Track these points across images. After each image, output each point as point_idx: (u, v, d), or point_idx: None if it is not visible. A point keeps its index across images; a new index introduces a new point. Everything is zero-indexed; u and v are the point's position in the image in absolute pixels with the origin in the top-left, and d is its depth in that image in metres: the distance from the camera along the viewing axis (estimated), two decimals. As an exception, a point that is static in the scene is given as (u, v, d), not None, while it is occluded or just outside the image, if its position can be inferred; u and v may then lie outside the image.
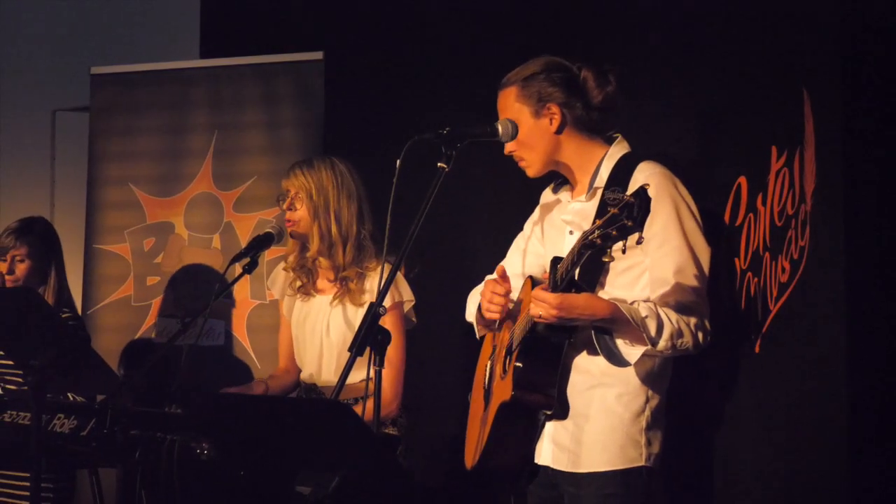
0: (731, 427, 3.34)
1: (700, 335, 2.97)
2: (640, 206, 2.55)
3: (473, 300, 3.37)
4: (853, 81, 2.76)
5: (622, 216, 2.55)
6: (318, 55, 4.85)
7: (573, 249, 2.79)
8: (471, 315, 3.37)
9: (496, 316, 3.18)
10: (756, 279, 3.22)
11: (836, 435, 2.76)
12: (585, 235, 2.67)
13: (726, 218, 3.35)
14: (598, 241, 2.61)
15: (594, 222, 2.70)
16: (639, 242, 2.63)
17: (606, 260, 2.67)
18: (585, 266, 2.92)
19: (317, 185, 3.88)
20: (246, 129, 4.98)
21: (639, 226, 2.55)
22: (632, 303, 2.95)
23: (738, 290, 3.29)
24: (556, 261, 2.91)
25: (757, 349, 3.20)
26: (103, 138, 5.17)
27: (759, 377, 3.22)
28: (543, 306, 2.84)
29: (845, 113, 2.76)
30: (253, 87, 4.98)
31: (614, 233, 2.57)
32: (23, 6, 6.55)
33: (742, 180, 3.31)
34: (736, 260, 3.32)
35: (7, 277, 4.37)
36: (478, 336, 3.40)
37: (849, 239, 2.75)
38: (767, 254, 3.18)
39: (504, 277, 3.14)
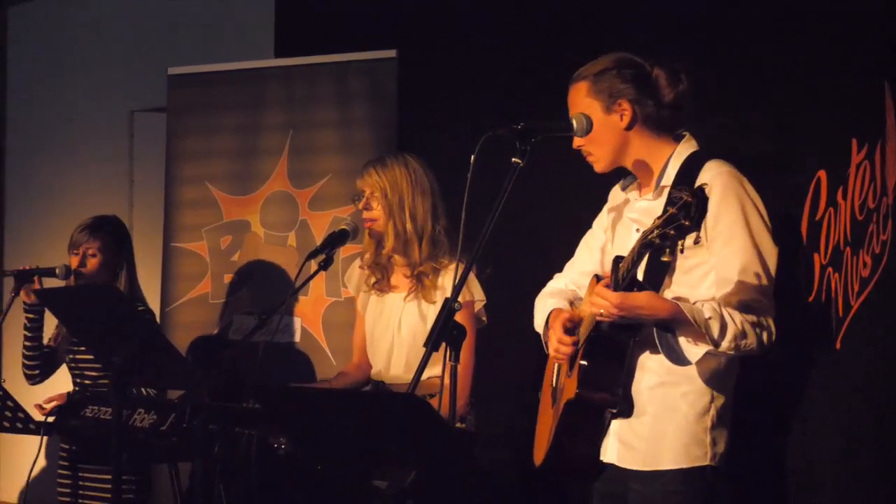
0: (811, 424, 3.30)
1: (765, 336, 2.92)
2: (698, 205, 2.53)
3: (541, 308, 3.34)
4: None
5: (680, 215, 2.54)
6: (392, 53, 4.86)
7: (633, 248, 2.79)
8: (539, 326, 3.33)
9: (560, 362, 3.18)
10: (837, 275, 3.18)
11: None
12: (645, 235, 2.67)
13: (805, 212, 3.31)
14: (657, 240, 2.60)
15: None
16: (696, 242, 2.62)
17: (665, 259, 2.67)
18: (650, 264, 2.91)
19: (391, 184, 3.90)
20: (320, 127, 5.00)
21: (696, 225, 2.54)
22: (695, 303, 2.92)
23: (818, 286, 3.25)
24: (617, 259, 2.92)
25: (838, 345, 3.16)
26: (180, 138, 5.22)
27: (839, 374, 3.17)
28: (605, 304, 2.84)
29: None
30: (327, 85, 4.99)
31: (672, 232, 2.56)
32: (101, 10, 6.66)
33: (822, 174, 3.27)
34: (816, 255, 3.28)
35: (80, 270, 4.45)
36: (546, 348, 3.31)
37: (932, 232, 2.70)
38: (848, 248, 3.14)
39: (571, 321, 3.13)
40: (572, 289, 3.35)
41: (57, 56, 6.86)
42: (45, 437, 4.10)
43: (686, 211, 2.53)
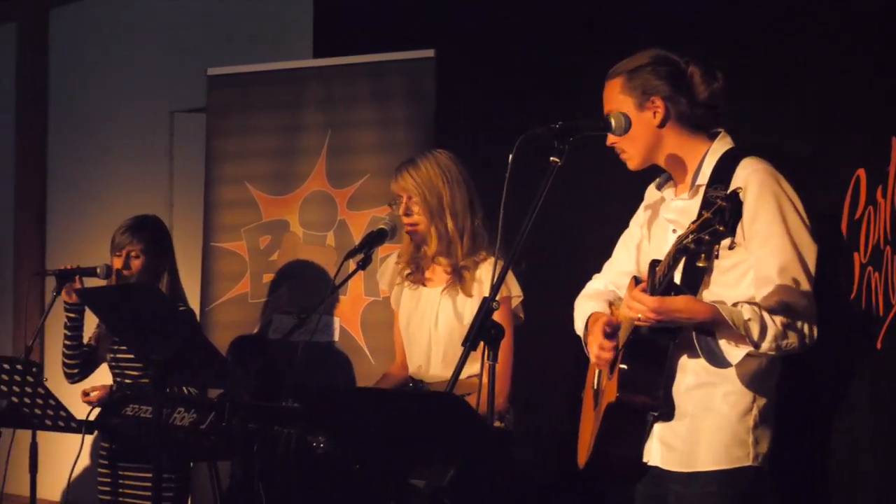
0: (849, 425, 3.28)
1: (806, 335, 2.88)
2: (732, 210, 2.50)
3: (581, 311, 3.33)
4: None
5: (714, 220, 2.51)
6: (430, 53, 4.85)
7: (669, 253, 2.76)
8: (580, 330, 3.31)
9: (602, 368, 3.16)
10: (877, 273, 3.16)
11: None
12: (680, 240, 2.63)
13: (845, 211, 3.28)
14: (692, 245, 2.57)
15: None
16: (731, 248, 2.58)
17: (701, 265, 2.64)
18: (687, 267, 2.88)
19: (428, 186, 3.88)
20: (358, 127, 5.00)
21: (731, 231, 2.50)
22: (734, 304, 2.89)
23: (858, 285, 3.23)
24: (654, 263, 2.89)
25: (879, 345, 3.14)
26: (220, 138, 5.24)
27: (881, 373, 3.15)
28: (641, 308, 2.81)
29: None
30: (365, 85, 4.99)
31: (707, 237, 2.53)
32: (141, 12, 6.71)
33: (861, 172, 3.24)
34: (856, 254, 3.25)
35: (123, 272, 4.47)
36: (587, 352, 3.29)
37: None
38: (888, 247, 3.11)
39: (609, 325, 3.09)
40: (612, 289, 3.33)
41: (97, 57, 6.92)
42: (86, 436, 4.13)
43: (721, 216, 2.50)
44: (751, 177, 2.92)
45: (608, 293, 3.32)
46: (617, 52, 3.18)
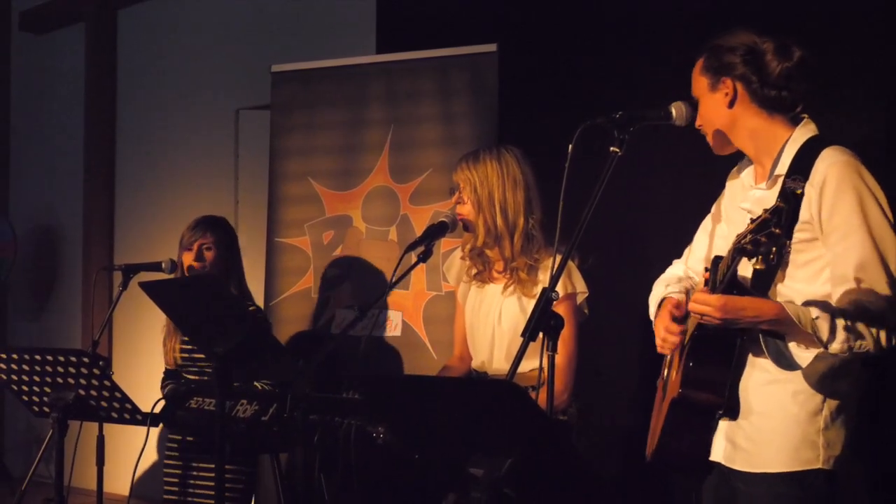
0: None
1: (883, 337, 2.76)
2: (788, 212, 2.42)
3: (655, 295, 3.26)
4: None
5: (771, 222, 2.43)
6: (492, 48, 4.85)
7: (729, 251, 2.70)
8: (653, 314, 3.23)
9: (667, 353, 3.09)
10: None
11: None
12: (738, 239, 2.54)
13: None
14: (749, 246, 2.48)
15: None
16: (787, 251, 2.48)
17: (757, 267, 2.51)
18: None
19: (481, 178, 3.88)
20: (421, 122, 5.01)
21: (787, 234, 2.42)
22: (805, 303, 2.80)
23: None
24: (716, 260, 2.82)
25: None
26: (284, 134, 5.28)
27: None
28: (705, 308, 2.73)
29: None
30: (428, 80, 5.01)
31: (763, 239, 2.44)
32: (206, 11, 6.78)
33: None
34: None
35: (195, 264, 4.50)
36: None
37: None
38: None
39: (678, 308, 3.02)
40: (691, 276, 3.26)
41: (164, 56, 7.01)
42: (151, 429, 4.16)
43: (777, 217, 2.42)
44: (830, 169, 2.81)
45: (686, 280, 3.26)
46: (682, 44, 3.14)
